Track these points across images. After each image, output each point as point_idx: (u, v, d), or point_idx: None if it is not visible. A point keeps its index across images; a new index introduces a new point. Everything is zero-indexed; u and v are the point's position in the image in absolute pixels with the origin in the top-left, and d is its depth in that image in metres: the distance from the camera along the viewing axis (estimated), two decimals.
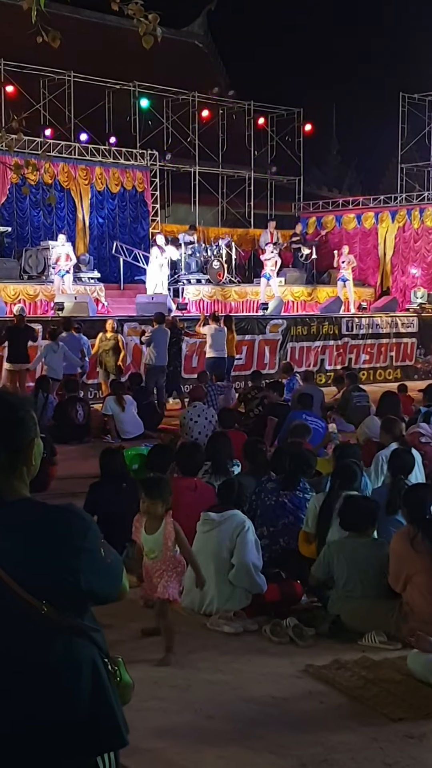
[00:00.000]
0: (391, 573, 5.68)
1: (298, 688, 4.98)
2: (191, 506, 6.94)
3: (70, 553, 2.25)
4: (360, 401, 13.26)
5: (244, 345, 19.39)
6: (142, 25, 7.78)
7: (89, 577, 2.27)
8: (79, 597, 2.28)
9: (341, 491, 6.59)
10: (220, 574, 6.09)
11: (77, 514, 2.34)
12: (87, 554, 2.28)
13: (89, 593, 2.30)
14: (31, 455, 2.39)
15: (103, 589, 2.35)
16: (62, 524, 2.30)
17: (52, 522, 2.30)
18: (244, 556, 6.05)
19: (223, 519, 6.20)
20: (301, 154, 29.82)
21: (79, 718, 2.24)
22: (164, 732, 4.38)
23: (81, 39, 25.62)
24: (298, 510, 6.96)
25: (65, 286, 19.34)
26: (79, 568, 2.25)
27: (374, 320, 22.59)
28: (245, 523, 6.18)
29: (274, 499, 7.00)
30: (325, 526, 6.51)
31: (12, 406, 2.38)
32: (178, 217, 27.31)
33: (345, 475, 6.74)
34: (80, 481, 9.01)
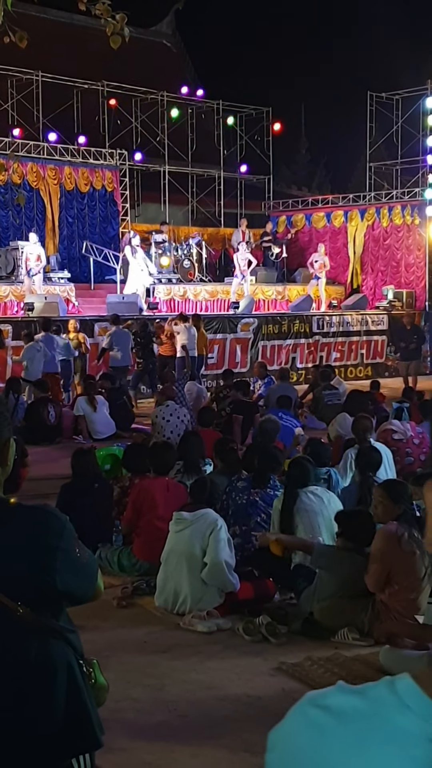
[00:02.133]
0: (371, 573, 5.62)
1: (271, 685, 5.00)
2: (164, 506, 6.96)
3: (46, 553, 2.25)
4: (331, 399, 13.34)
5: (215, 344, 19.41)
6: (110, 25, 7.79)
7: (65, 576, 2.27)
8: (55, 597, 2.28)
9: (297, 490, 6.66)
10: (192, 573, 6.10)
11: (52, 513, 2.35)
12: (62, 554, 2.28)
13: (65, 593, 2.30)
14: (7, 455, 2.38)
15: (79, 588, 2.36)
16: (37, 524, 2.30)
17: (27, 522, 2.30)
18: (217, 554, 6.06)
19: (195, 518, 6.21)
20: (271, 153, 29.89)
21: (54, 721, 2.24)
22: (138, 732, 4.39)
23: (49, 39, 25.54)
24: (269, 507, 7.01)
25: (35, 286, 19.26)
26: (55, 568, 2.25)
27: (345, 318, 22.70)
28: (218, 521, 6.20)
29: (246, 497, 7.03)
30: (288, 525, 6.55)
31: None
32: (149, 217, 27.28)
33: (297, 473, 6.81)
34: (52, 482, 8.98)
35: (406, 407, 11.07)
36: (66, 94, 25.63)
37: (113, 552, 7.09)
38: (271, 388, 13.74)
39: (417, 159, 26.33)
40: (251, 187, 30.01)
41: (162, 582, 6.27)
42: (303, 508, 6.60)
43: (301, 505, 6.61)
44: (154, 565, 6.58)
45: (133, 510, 7.11)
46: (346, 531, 6.02)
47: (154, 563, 6.55)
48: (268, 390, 13.76)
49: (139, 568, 6.94)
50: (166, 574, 6.25)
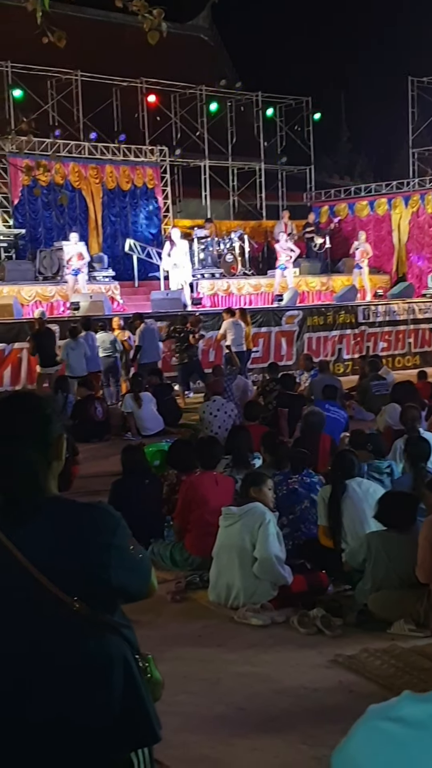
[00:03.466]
0: (420, 563, 5.61)
1: (327, 677, 4.99)
2: (214, 500, 6.96)
3: (101, 550, 2.28)
4: (379, 390, 13.23)
5: (260, 337, 19.36)
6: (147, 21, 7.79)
7: (120, 573, 2.30)
8: (110, 593, 2.31)
9: (345, 480, 6.64)
10: (244, 567, 6.10)
11: (106, 510, 2.37)
12: (117, 551, 2.31)
13: (120, 589, 2.33)
14: (60, 450, 2.42)
15: (133, 585, 2.38)
16: (92, 521, 2.33)
17: (82, 519, 2.33)
18: (266, 549, 6.05)
19: (243, 512, 6.20)
20: (311, 143, 29.69)
21: (112, 715, 2.26)
22: (196, 726, 4.40)
23: (86, 38, 25.66)
24: (310, 493, 7.03)
25: (79, 285, 19.40)
26: (110, 565, 2.28)
27: (391, 307, 22.48)
28: (266, 515, 6.19)
29: (285, 488, 7.04)
30: (336, 517, 6.54)
31: (39, 404, 2.43)
32: (190, 212, 27.29)
33: (343, 464, 6.79)
34: (102, 479, 9.05)
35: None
36: (105, 93, 25.73)
37: (165, 547, 7.12)
38: (314, 380, 13.68)
39: None
40: (292, 178, 29.86)
41: (215, 577, 6.28)
42: (349, 498, 6.58)
43: (348, 495, 6.60)
44: (206, 560, 6.60)
45: (184, 506, 7.13)
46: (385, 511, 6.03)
47: (206, 557, 6.56)
48: (311, 383, 13.71)
49: (191, 563, 6.96)
50: (219, 568, 6.25)
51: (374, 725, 1.35)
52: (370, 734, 1.35)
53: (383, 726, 1.34)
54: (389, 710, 1.36)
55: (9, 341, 15.80)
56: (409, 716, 1.34)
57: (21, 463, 2.31)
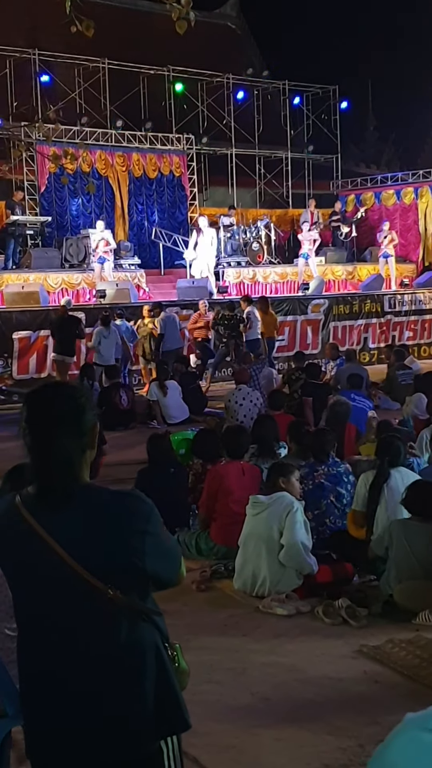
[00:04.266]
0: None
1: (353, 668, 4.99)
2: (240, 490, 6.97)
3: (135, 537, 2.30)
4: (405, 379, 13.18)
5: (286, 326, 19.32)
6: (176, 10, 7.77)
7: (153, 559, 2.32)
8: (144, 580, 2.33)
9: (390, 468, 6.58)
10: (271, 556, 6.11)
11: (139, 498, 2.39)
12: (151, 537, 2.33)
13: (153, 576, 2.35)
14: (95, 439, 2.45)
15: (165, 571, 2.41)
16: (125, 509, 2.35)
17: (116, 507, 2.35)
18: (293, 535, 6.05)
19: (271, 501, 6.21)
20: (338, 131, 29.54)
21: (145, 701, 2.28)
22: (221, 715, 4.41)
23: (113, 26, 25.57)
24: (336, 486, 6.97)
25: (105, 273, 19.42)
26: (144, 551, 2.31)
27: (417, 296, 22.35)
28: (294, 503, 6.18)
29: (311, 482, 6.98)
30: (374, 505, 6.49)
31: (74, 393, 2.45)
32: (216, 200, 27.23)
33: (390, 452, 6.72)
34: (128, 468, 9.06)
35: None
36: (132, 81, 25.68)
37: (191, 536, 7.14)
38: (340, 370, 13.63)
39: None
40: (319, 167, 29.72)
41: (240, 565, 6.29)
42: (390, 488, 6.52)
43: (389, 484, 6.54)
44: (231, 549, 6.61)
45: (209, 495, 7.14)
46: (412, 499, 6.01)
47: (232, 547, 6.57)
48: (337, 372, 13.66)
49: (216, 552, 6.97)
50: (245, 557, 6.26)
51: (414, 735, 1.35)
52: (410, 744, 1.35)
53: (423, 737, 1.34)
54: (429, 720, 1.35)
55: (35, 329, 15.85)
56: None
57: (57, 452, 2.33)
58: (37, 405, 2.42)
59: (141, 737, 2.30)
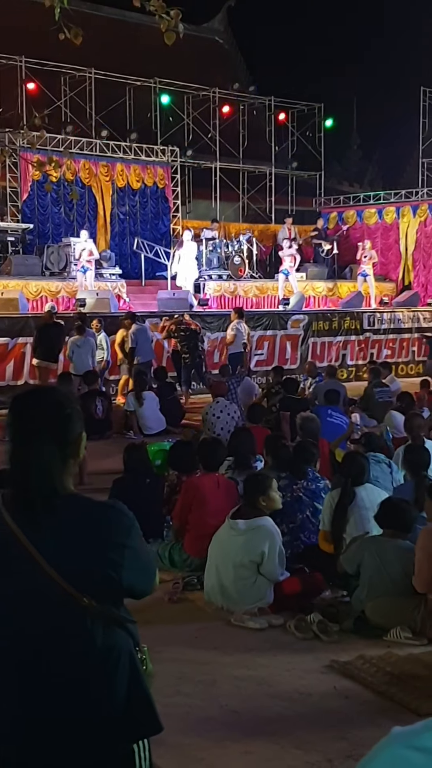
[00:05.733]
0: (417, 571, 5.61)
1: (323, 683, 4.98)
2: (214, 502, 6.95)
3: (114, 550, 2.30)
4: (382, 396, 13.20)
5: (265, 340, 19.37)
6: (164, 22, 7.79)
7: (130, 573, 2.32)
8: (119, 591, 2.33)
9: (354, 487, 6.59)
10: (239, 580, 6.06)
11: (121, 511, 2.38)
12: (129, 551, 2.32)
13: (128, 588, 2.35)
14: (79, 448, 2.43)
15: (141, 584, 2.41)
16: (107, 521, 2.35)
17: (98, 519, 2.34)
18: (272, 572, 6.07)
19: (249, 529, 6.11)
20: (322, 149, 29.73)
21: (117, 705, 2.29)
22: (190, 727, 4.39)
23: (102, 36, 25.64)
24: (313, 501, 6.98)
25: (87, 282, 19.39)
26: (122, 565, 2.30)
27: (396, 315, 22.50)
28: (274, 536, 6.10)
29: (290, 494, 6.98)
30: (340, 523, 6.50)
31: (62, 402, 2.43)
32: (199, 213, 27.31)
33: (353, 470, 6.73)
34: (103, 477, 9.02)
35: None
36: (118, 91, 25.74)
37: (164, 547, 7.11)
38: (318, 385, 13.66)
39: None
40: (302, 184, 29.88)
41: (210, 580, 6.25)
42: (356, 506, 6.53)
43: (356, 503, 6.55)
44: (204, 561, 6.58)
45: (183, 506, 7.11)
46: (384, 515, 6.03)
47: (205, 559, 6.54)
48: (316, 387, 13.69)
49: (189, 564, 6.95)
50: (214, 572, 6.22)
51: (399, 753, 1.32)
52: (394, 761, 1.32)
53: (409, 755, 1.30)
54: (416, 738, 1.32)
55: (13, 335, 15.77)
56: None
57: (36, 462, 2.31)
58: (21, 411, 2.39)
59: (114, 739, 2.31)
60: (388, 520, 6.02)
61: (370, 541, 6.07)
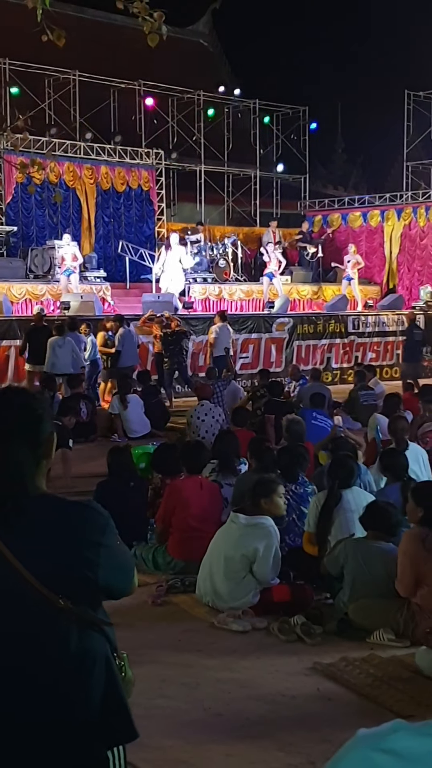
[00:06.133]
0: (399, 575, 5.61)
1: (306, 685, 4.97)
2: (198, 505, 6.95)
3: (89, 549, 2.29)
4: (367, 400, 13.24)
5: (250, 344, 19.39)
6: (148, 24, 7.79)
7: (107, 572, 2.30)
8: (96, 591, 2.31)
9: (340, 490, 6.59)
10: (227, 575, 6.07)
11: (95, 509, 2.37)
12: (105, 550, 2.31)
13: (105, 588, 2.34)
14: (51, 449, 2.43)
15: (118, 584, 2.39)
16: (82, 520, 2.33)
17: (72, 518, 2.33)
18: (265, 574, 6.06)
19: (249, 525, 6.13)
20: (307, 152, 29.80)
21: (92, 710, 2.27)
22: (172, 730, 4.38)
23: (85, 38, 25.64)
24: (300, 505, 6.98)
25: (71, 285, 19.36)
26: (98, 564, 2.29)
27: (380, 318, 22.56)
28: (272, 537, 6.10)
29: None
30: (325, 526, 6.50)
31: (33, 403, 2.43)
32: (184, 216, 27.31)
33: (342, 473, 6.73)
34: (88, 480, 9.01)
35: None
36: (102, 94, 25.73)
37: (148, 550, 7.10)
38: (303, 388, 13.69)
39: None
40: (287, 187, 29.94)
41: (203, 576, 6.25)
42: (342, 508, 6.53)
43: (341, 505, 6.55)
44: (188, 564, 6.58)
45: (167, 509, 7.10)
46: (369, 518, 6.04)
47: (189, 561, 6.55)
48: (300, 390, 13.71)
49: (173, 567, 6.94)
50: (209, 568, 6.21)
51: (365, 755, 1.31)
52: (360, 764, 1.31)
53: (375, 757, 1.30)
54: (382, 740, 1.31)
55: None
56: (403, 750, 1.30)
57: (7, 463, 2.31)
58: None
59: (88, 746, 2.28)
60: (372, 522, 6.03)
61: (354, 543, 6.08)
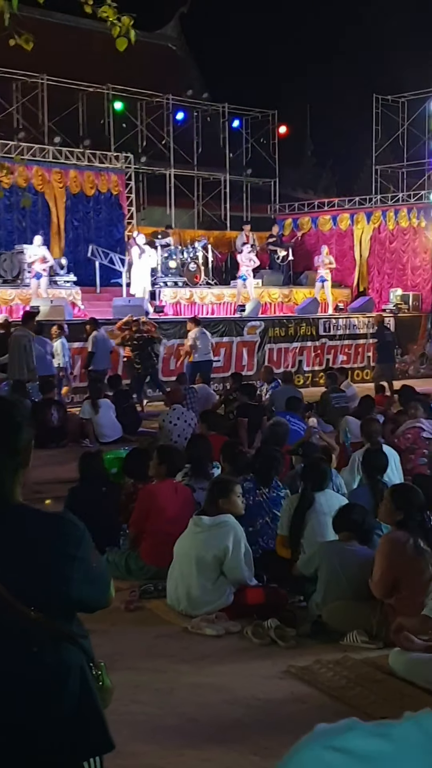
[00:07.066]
0: (375, 577, 5.61)
1: (280, 689, 4.98)
2: (172, 509, 6.93)
3: (64, 562, 2.26)
4: (339, 402, 13.27)
5: (222, 347, 19.39)
6: (116, 28, 7.77)
7: (81, 586, 2.28)
8: (69, 605, 2.29)
9: (313, 493, 6.61)
10: (201, 578, 6.07)
11: (71, 522, 2.35)
12: (80, 563, 2.28)
13: (79, 601, 2.31)
14: (29, 457, 2.41)
15: (92, 597, 2.37)
16: (56, 533, 2.31)
17: (47, 530, 2.30)
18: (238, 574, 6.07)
19: (214, 524, 6.15)
20: (276, 156, 29.86)
21: (67, 723, 2.24)
22: (147, 736, 4.36)
23: (54, 42, 25.52)
24: (273, 508, 6.99)
25: (41, 289, 19.27)
26: (72, 577, 2.26)
27: (351, 321, 22.66)
28: (237, 533, 6.12)
29: (252, 498, 6.99)
30: (298, 528, 6.52)
31: (12, 410, 2.41)
32: (154, 220, 27.27)
33: (315, 476, 6.75)
34: (58, 486, 8.96)
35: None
36: (71, 98, 25.64)
37: (121, 556, 7.07)
38: (276, 391, 13.70)
39: (423, 162, 26.32)
40: (257, 190, 29.99)
41: (172, 582, 6.24)
42: (314, 511, 6.55)
43: (314, 508, 6.56)
44: (161, 569, 6.56)
45: (140, 514, 7.09)
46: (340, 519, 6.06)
47: (162, 567, 6.52)
48: (273, 393, 13.72)
49: (146, 572, 6.91)
50: (179, 573, 6.20)
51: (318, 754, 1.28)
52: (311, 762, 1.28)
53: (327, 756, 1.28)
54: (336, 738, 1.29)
55: None
56: (356, 748, 1.29)
57: None
58: None
59: (64, 757, 2.26)
60: (344, 524, 6.05)
61: (328, 545, 6.09)
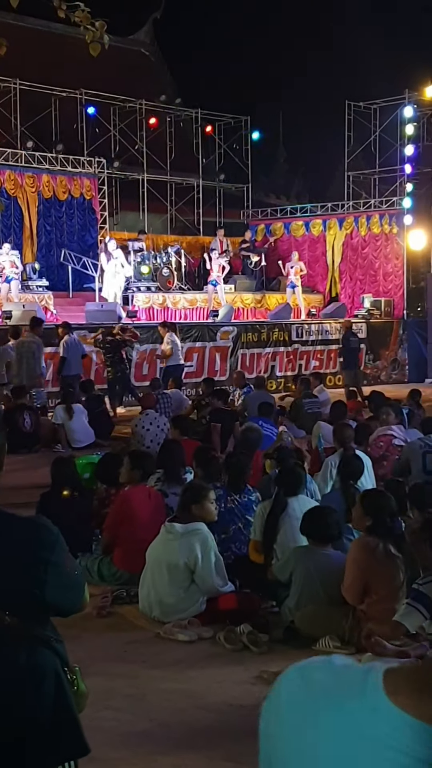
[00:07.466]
0: (347, 583, 5.63)
1: (252, 694, 4.97)
2: (147, 515, 6.92)
3: (37, 566, 2.25)
4: (311, 407, 13.32)
5: (194, 352, 19.40)
6: (89, 33, 7.78)
7: (54, 590, 2.28)
8: (43, 609, 2.28)
9: (287, 498, 6.62)
10: (173, 584, 6.06)
11: (45, 526, 2.34)
12: (53, 567, 2.28)
13: (53, 605, 2.30)
14: (2, 462, 2.42)
15: (66, 601, 2.36)
16: (30, 537, 2.30)
17: (20, 534, 2.30)
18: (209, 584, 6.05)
19: (186, 532, 6.14)
20: (249, 161, 29.93)
21: (42, 728, 2.24)
22: (119, 742, 4.35)
23: (26, 47, 25.46)
24: (245, 514, 7.00)
25: (12, 294, 19.19)
26: (45, 581, 2.26)
27: (323, 326, 22.75)
28: (208, 541, 6.12)
29: (223, 505, 6.99)
30: (271, 533, 6.53)
31: None
32: (127, 225, 27.24)
33: (289, 481, 6.76)
34: (30, 491, 8.90)
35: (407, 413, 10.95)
36: (44, 102, 25.57)
37: (93, 561, 7.05)
38: (248, 396, 13.73)
39: (395, 168, 26.45)
40: (230, 196, 30.04)
41: (145, 588, 6.23)
42: (288, 516, 6.56)
43: (287, 513, 6.57)
44: (134, 575, 6.55)
45: (114, 520, 7.07)
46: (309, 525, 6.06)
47: (135, 572, 6.51)
48: (245, 398, 13.75)
49: (119, 578, 6.90)
50: (151, 580, 6.19)
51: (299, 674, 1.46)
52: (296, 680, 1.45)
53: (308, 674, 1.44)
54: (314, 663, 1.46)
55: None
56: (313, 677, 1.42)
57: None
58: None
59: (39, 762, 2.26)
60: (313, 529, 6.06)
61: (301, 550, 6.11)
